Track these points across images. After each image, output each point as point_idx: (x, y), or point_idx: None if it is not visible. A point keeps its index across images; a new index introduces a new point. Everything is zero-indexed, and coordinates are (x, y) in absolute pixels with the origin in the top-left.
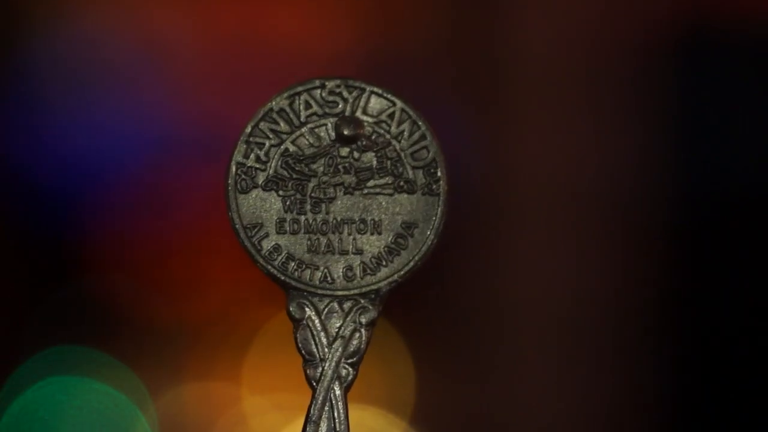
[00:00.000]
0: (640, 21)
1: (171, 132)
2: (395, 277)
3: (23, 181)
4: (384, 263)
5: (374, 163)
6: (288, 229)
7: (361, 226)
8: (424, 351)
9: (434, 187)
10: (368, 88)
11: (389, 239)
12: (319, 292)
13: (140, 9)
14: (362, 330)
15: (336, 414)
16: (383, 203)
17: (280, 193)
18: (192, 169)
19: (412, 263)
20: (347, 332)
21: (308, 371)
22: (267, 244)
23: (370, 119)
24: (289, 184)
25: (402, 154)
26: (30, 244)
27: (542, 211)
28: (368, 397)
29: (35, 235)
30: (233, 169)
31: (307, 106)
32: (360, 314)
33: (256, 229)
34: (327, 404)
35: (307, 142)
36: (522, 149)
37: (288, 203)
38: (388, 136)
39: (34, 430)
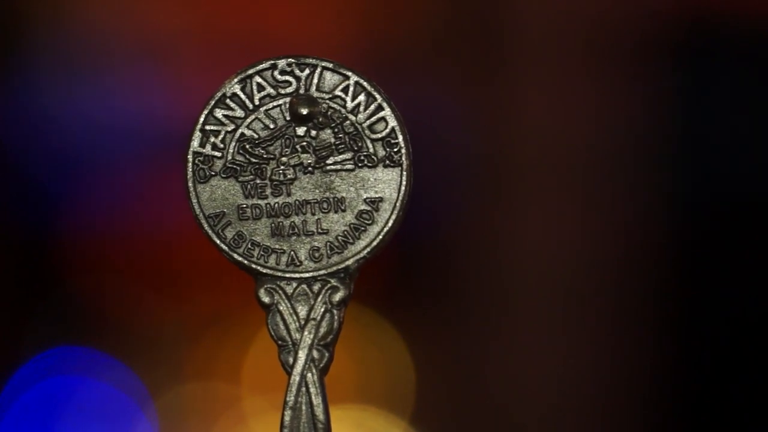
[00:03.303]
0: (641, 14)
1: (171, 130)
2: (363, 253)
3: (23, 179)
4: (350, 240)
5: (332, 139)
6: (250, 214)
7: (324, 205)
8: (424, 351)
9: (395, 158)
10: (320, 64)
11: (354, 216)
12: (287, 275)
13: (140, 4)
14: (333, 311)
15: (313, 398)
16: (345, 180)
17: (239, 179)
18: None
19: (379, 238)
20: (318, 314)
21: (282, 357)
22: (230, 232)
23: (324, 95)
24: (248, 170)
25: (360, 128)
26: (30, 244)
27: (544, 202)
28: (368, 397)
29: (35, 235)
30: (190, 159)
31: (260, 88)
32: (330, 294)
33: (218, 218)
34: (303, 389)
35: (262, 125)
36: (522, 132)
37: (248, 189)
38: (343, 111)
39: (34, 430)
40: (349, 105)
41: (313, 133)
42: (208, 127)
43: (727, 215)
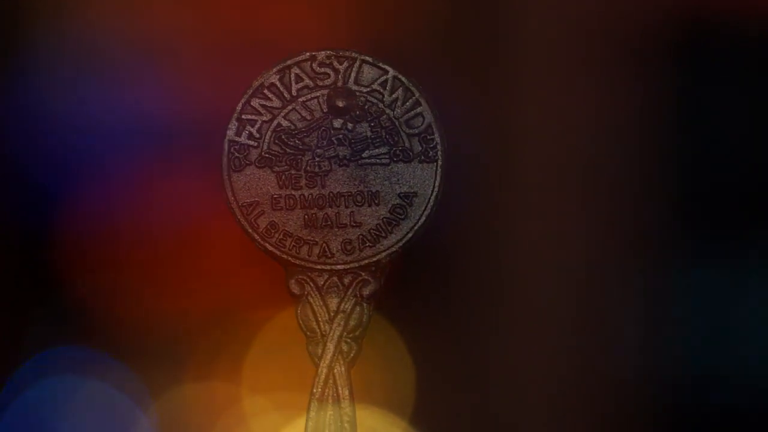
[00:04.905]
0: (640, 14)
1: (171, 129)
2: (395, 248)
3: (22, 179)
4: (383, 234)
5: (369, 133)
6: (283, 205)
7: (358, 198)
8: (424, 351)
9: (431, 154)
10: (359, 58)
11: (387, 210)
12: (318, 267)
13: (140, 4)
14: (363, 304)
15: (340, 390)
16: (380, 174)
17: (275, 169)
18: (193, 167)
19: (411, 233)
20: (348, 307)
21: (310, 348)
22: (263, 222)
23: (362, 89)
24: (283, 160)
25: (396, 123)
26: (30, 244)
27: (544, 202)
28: (368, 397)
29: (35, 235)
30: (226, 147)
31: (298, 79)
32: (361, 287)
33: (251, 207)
34: (330, 381)
35: (299, 116)
36: (522, 132)
37: (282, 179)
38: (381, 105)
39: (34, 430)
40: (387, 99)
41: (350, 126)
42: (245, 117)
43: (726, 214)
